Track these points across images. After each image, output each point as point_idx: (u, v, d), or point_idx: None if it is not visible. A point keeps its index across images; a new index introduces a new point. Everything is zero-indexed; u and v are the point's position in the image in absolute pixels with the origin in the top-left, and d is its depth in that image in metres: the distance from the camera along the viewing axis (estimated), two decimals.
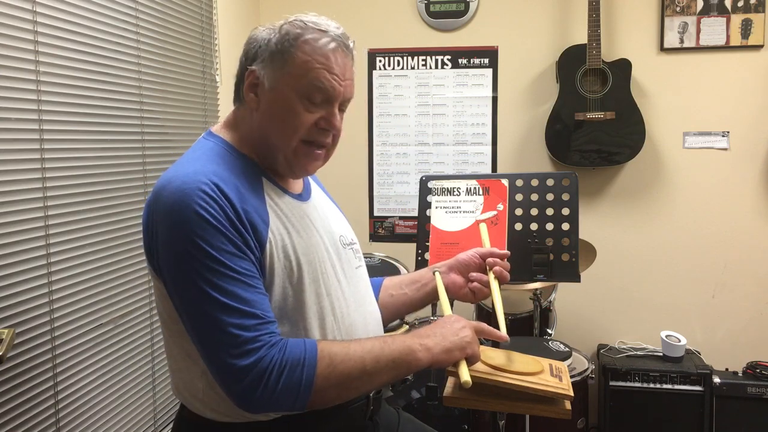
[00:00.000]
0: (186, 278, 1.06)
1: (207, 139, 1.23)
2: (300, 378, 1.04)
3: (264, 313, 1.07)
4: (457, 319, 1.22)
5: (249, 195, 1.14)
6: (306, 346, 1.07)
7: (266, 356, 1.03)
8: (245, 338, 1.03)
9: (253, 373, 1.03)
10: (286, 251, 1.15)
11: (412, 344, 1.13)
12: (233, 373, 1.03)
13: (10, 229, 1.51)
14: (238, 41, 2.92)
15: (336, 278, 1.24)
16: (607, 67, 2.81)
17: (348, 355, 1.08)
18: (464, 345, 1.17)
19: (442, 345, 1.15)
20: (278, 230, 1.15)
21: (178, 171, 1.12)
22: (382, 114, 3.12)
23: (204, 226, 1.05)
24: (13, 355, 1.50)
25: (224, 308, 1.04)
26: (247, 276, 1.07)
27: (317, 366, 1.05)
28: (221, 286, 1.04)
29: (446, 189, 1.68)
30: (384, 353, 1.10)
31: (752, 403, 2.62)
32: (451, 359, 1.15)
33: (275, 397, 1.04)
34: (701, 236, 2.93)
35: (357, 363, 1.08)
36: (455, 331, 1.18)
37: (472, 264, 1.43)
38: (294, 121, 1.17)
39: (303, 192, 1.30)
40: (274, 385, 1.03)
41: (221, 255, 1.05)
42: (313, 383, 1.05)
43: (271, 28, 1.21)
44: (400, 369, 1.12)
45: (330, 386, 1.07)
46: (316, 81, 1.16)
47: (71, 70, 1.72)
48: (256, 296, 1.07)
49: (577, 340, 2.91)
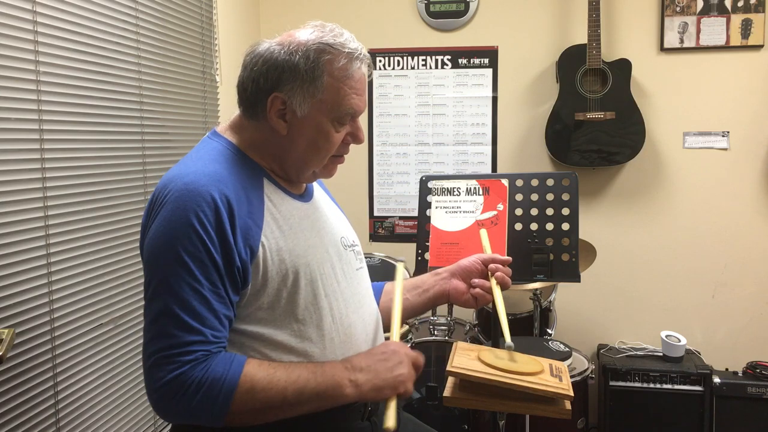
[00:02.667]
0: (153, 276, 1.09)
1: (211, 139, 1.24)
2: (216, 398, 1.05)
3: (209, 331, 1.07)
4: (395, 351, 1.18)
5: (247, 197, 1.14)
6: (230, 369, 1.07)
7: (189, 372, 1.04)
8: (177, 351, 1.05)
9: (172, 385, 1.04)
10: (281, 254, 1.15)
11: (342, 379, 1.12)
12: (155, 379, 1.05)
13: (10, 229, 1.51)
14: (238, 41, 2.93)
15: (335, 279, 1.24)
16: (607, 67, 2.81)
17: (271, 383, 1.08)
18: (396, 384, 1.15)
19: (372, 383, 1.14)
20: (272, 233, 1.16)
21: (181, 171, 1.13)
22: (382, 114, 3.12)
23: (189, 234, 1.07)
24: (13, 355, 1.50)
25: (172, 316, 1.06)
26: (210, 291, 1.07)
27: (236, 391, 1.06)
28: (180, 294, 1.06)
29: (446, 189, 1.68)
30: (308, 386, 1.10)
31: (752, 403, 2.62)
32: (380, 397, 1.14)
33: (189, 412, 1.06)
34: (701, 236, 2.93)
35: (278, 393, 1.08)
36: (390, 368, 1.15)
37: (474, 270, 1.43)
38: (327, 145, 1.21)
39: (305, 193, 1.30)
40: (189, 400, 1.04)
41: (194, 264, 1.06)
42: (228, 406, 1.05)
43: (288, 46, 1.17)
44: (323, 402, 1.12)
45: (246, 410, 1.07)
46: (347, 107, 1.19)
47: (71, 70, 1.72)
48: (209, 314, 1.07)
49: (577, 340, 2.91)
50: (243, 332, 1.14)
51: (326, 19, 1.25)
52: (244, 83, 1.21)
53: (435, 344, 2.50)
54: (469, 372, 1.23)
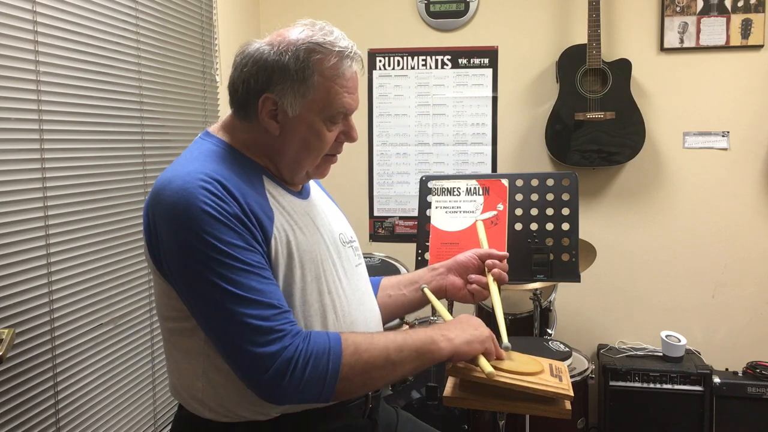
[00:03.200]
0: (198, 275, 1.05)
1: (204, 140, 1.23)
2: (326, 367, 1.05)
3: (280, 302, 1.08)
4: (472, 317, 1.26)
5: (251, 192, 1.14)
6: (329, 336, 1.08)
7: (291, 345, 1.03)
8: (267, 328, 1.03)
9: (279, 361, 1.02)
10: (290, 248, 1.15)
11: (434, 335, 1.16)
12: (258, 362, 1.02)
13: (10, 229, 1.51)
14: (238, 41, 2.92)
15: (337, 276, 1.24)
16: (607, 67, 2.81)
17: (372, 343, 1.10)
18: (483, 339, 1.20)
19: (462, 337, 1.18)
20: (282, 226, 1.16)
21: (178, 171, 1.11)
22: (382, 114, 3.12)
23: (211, 222, 1.05)
24: (13, 355, 1.50)
25: (241, 300, 1.04)
26: (259, 268, 1.07)
27: (343, 354, 1.06)
28: (235, 279, 1.04)
29: (446, 189, 1.68)
30: (407, 343, 1.12)
31: (752, 403, 2.62)
32: (471, 351, 1.18)
33: (302, 387, 1.04)
34: (701, 236, 2.93)
35: (381, 351, 1.10)
36: (474, 326, 1.22)
37: (470, 265, 1.43)
38: (320, 144, 1.21)
39: (302, 191, 1.30)
40: (300, 374, 1.03)
41: (231, 249, 1.05)
42: (339, 372, 1.05)
43: (278, 46, 1.17)
44: (422, 359, 1.13)
45: (356, 374, 1.07)
46: (339, 106, 1.19)
47: (71, 70, 1.72)
48: (270, 287, 1.07)
49: (577, 340, 2.91)
50: None
51: (326, 19, 1.24)
52: (235, 84, 1.20)
53: None
54: (469, 372, 1.23)
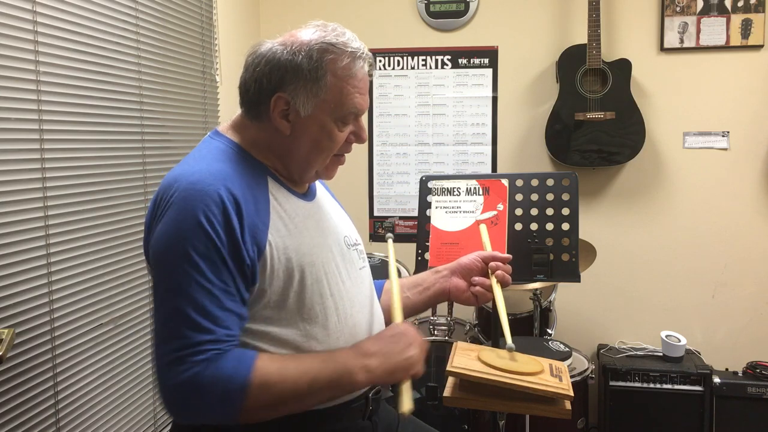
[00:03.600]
0: (163, 277, 1.08)
1: (213, 139, 1.24)
2: (229, 396, 1.03)
3: (220, 330, 1.06)
4: (404, 332, 1.18)
5: (252, 195, 1.14)
6: (242, 365, 1.05)
7: (202, 372, 1.02)
8: (189, 352, 1.03)
9: (185, 386, 1.02)
10: (287, 253, 1.15)
11: (353, 366, 1.11)
12: (168, 381, 1.04)
13: (10, 229, 1.51)
14: (238, 41, 2.93)
15: (340, 278, 1.24)
16: (607, 67, 2.81)
17: (283, 375, 1.07)
18: (408, 366, 1.14)
19: (384, 367, 1.12)
20: (278, 232, 1.16)
21: (185, 170, 1.13)
22: (382, 114, 3.12)
23: (197, 233, 1.06)
24: (13, 355, 1.50)
25: (182, 316, 1.04)
26: (220, 289, 1.07)
27: (249, 386, 1.04)
28: (190, 294, 1.05)
29: (446, 189, 1.68)
30: (321, 376, 1.09)
31: (752, 403, 2.62)
32: (392, 380, 1.14)
33: (204, 412, 1.05)
34: (701, 236, 2.93)
35: (291, 385, 1.07)
36: (401, 350, 1.15)
37: (474, 268, 1.43)
38: (330, 144, 1.21)
39: (308, 192, 1.30)
40: (203, 400, 1.03)
41: (203, 262, 1.05)
42: (243, 402, 1.04)
43: (291, 46, 1.17)
44: (337, 391, 1.12)
45: (261, 406, 1.06)
46: (351, 107, 1.19)
47: (71, 70, 1.72)
48: (220, 312, 1.06)
49: (577, 340, 2.91)
50: (249, 331, 1.14)
51: (326, 19, 1.25)
52: (247, 84, 1.21)
53: (435, 344, 2.50)
54: (469, 372, 1.23)
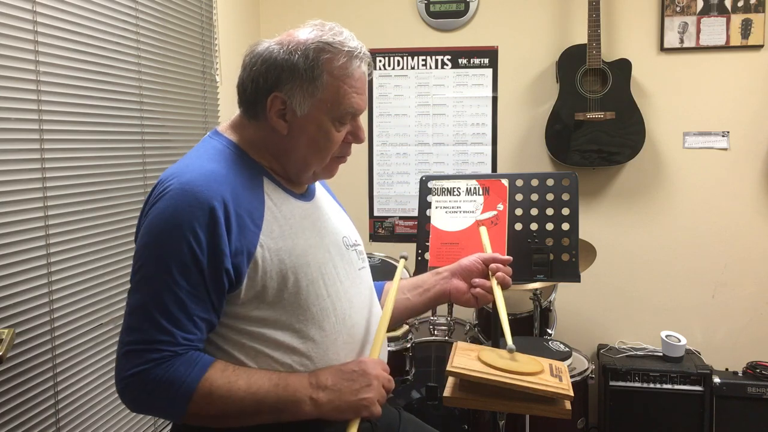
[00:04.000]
0: (137, 270, 1.11)
1: (212, 138, 1.25)
2: (173, 399, 1.07)
3: (179, 333, 1.07)
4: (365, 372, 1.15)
5: (246, 197, 1.14)
6: (192, 372, 1.07)
7: (151, 369, 1.06)
8: (145, 347, 1.06)
9: (134, 379, 1.06)
10: (280, 255, 1.15)
11: (302, 396, 1.11)
12: (120, 370, 1.08)
13: (10, 229, 1.51)
14: (238, 41, 2.93)
15: (338, 279, 1.24)
16: (607, 67, 2.81)
17: (230, 391, 1.08)
18: (359, 407, 1.12)
19: (334, 404, 1.12)
20: (272, 234, 1.16)
21: (180, 170, 1.14)
22: (382, 114, 3.12)
23: (174, 235, 1.07)
24: (13, 355, 1.50)
25: (146, 312, 1.07)
26: (188, 294, 1.08)
27: (193, 394, 1.06)
28: (156, 293, 1.07)
29: (446, 189, 1.68)
30: (267, 399, 1.09)
31: (752, 403, 2.62)
32: (340, 418, 1.12)
33: (149, 407, 1.11)
34: (701, 236, 2.93)
35: (236, 402, 1.08)
36: (356, 390, 1.13)
37: (474, 269, 1.42)
38: (328, 144, 1.21)
39: (306, 192, 1.30)
40: (148, 396, 1.07)
41: (175, 266, 1.07)
42: (185, 408, 1.07)
43: (288, 46, 1.17)
44: (281, 416, 1.11)
45: (203, 415, 1.09)
46: (348, 106, 1.19)
47: (71, 70, 1.72)
48: (183, 316, 1.08)
49: (577, 340, 2.91)
50: (246, 332, 1.14)
51: (327, 19, 1.25)
52: (244, 83, 1.21)
53: (435, 344, 2.50)
54: (469, 372, 1.23)
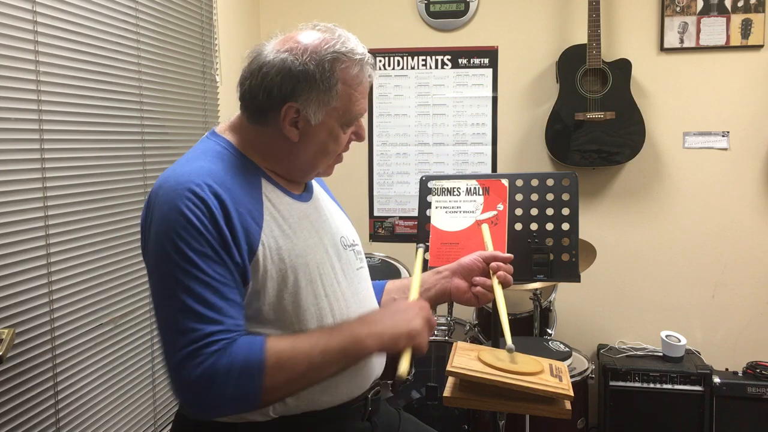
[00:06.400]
0: (161, 275, 1.09)
1: (209, 139, 1.24)
2: (248, 380, 1.04)
3: (228, 320, 1.07)
4: (409, 306, 1.20)
5: (244, 197, 1.14)
6: (253, 348, 1.06)
7: (216, 362, 1.03)
8: (198, 345, 1.03)
9: (202, 380, 1.02)
10: (281, 254, 1.15)
11: (359, 333, 1.12)
12: (181, 379, 1.04)
13: (10, 229, 1.51)
14: (238, 41, 2.93)
15: (335, 279, 1.24)
16: (607, 67, 2.81)
17: (295, 350, 1.08)
18: (412, 334, 1.14)
19: (389, 333, 1.14)
20: (272, 233, 1.16)
21: (175, 170, 1.14)
22: (382, 114, 3.12)
23: (187, 228, 1.06)
24: (13, 355, 1.50)
25: (189, 311, 1.05)
26: (219, 282, 1.07)
27: (265, 366, 1.05)
28: (192, 288, 1.05)
29: (446, 189, 1.68)
30: (331, 345, 1.10)
31: (752, 403, 2.62)
32: (397, 347, 1.14)
33: (224, 402, 1.05)
34: (701, 236, 2.93)
35: (305, 358, 1.08)
36: (406, 321, 1.16)
37: (475, 268, 1.42)
38: (336, 147, 1.24)
39: (304, 193, 1.30)
40: (220, 390, 1.03)
41: (198, 257, 1.06)
42: (261, 384, 1.05)
43: (302, 56, 1.16)
44: (349, 359, 1.12)
45: (279, 384, 1.07)
46: (358, 112, 1.22)
47: (71, 70, 1.72)
48: (224, 303, 1.07)
49: (577, 340, 2.91)
50: None
51: (327, 19, 1.25)
52: (253, 91, 1.18)
53: (435, 344, 2.50)
54: (469, 372, 1.23)
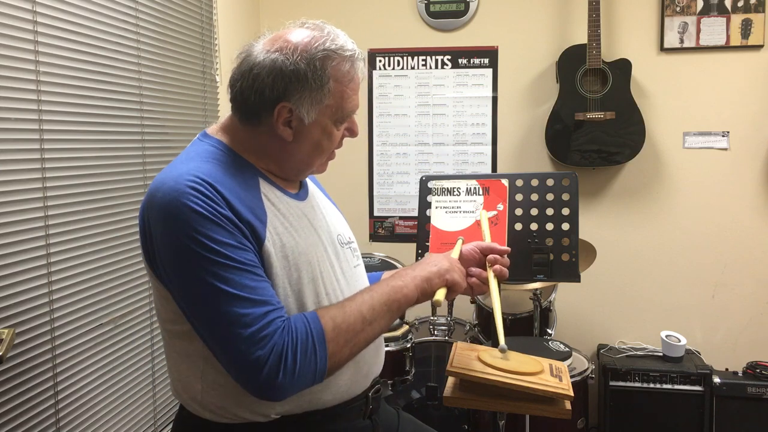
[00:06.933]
0: (192, 275, 1.05)
1: (202, 141, 1.22)
2: (315, 353, 1.07)
3: (272, 299, 1.08)
4: (435, 255, 1.29)
5: (245, 195, 1.14)
6: (308, 319, 1.09)
7: (279, 342, 1.04)
8: (257, 327, 1.04)
9: (271, 361, 1.03)
10: (285, 250, 1.15)
11: (396, 284, 1.19)
12: (252, 364, 1.03)
13: (10, 229, 1.51)
14: (238, 41, 2.92)
15: (334, 277, 1.24)
16: (607, 67, 2.81)
17: (345, 311, 1.12)
18: (443, 272, 1.23)
19: (421, 275, 1.22)
20: (276, 230, 1.15)
21: (171, 172, 1.11)
22: (382, 114, 3.12)
23: (202, 222, 1.05)
24: (13, 355, 1.50)
25: (234, 299, 1.04)
26: (251, 266, 1.08)
27: (325, 333, 1.08)
28: (227, 277, 1.04)
29: (446, 189, 1.68)
30: (375, 299, 1.15)
31: (752, 403, 2.62)
32: (433, 287, 1.22)
33: (297, 378, 1.06)
34: (701, 236, 2.93)
35: (356, 317, 1.12)
36: (434, 263, 1.25)
37: (471, 258, 1.42)
38: (330, 145, 1.24)
39: (300, 191, 1.30)
40: (292, 367, 1.05)
41: (223, 248, 1.05)
42: (327, 353, 1.08)
43: (292, 55, 1.15)
44: (393, 309, 1.17)
45: (341, 347, 1.10)
46: (350, 109, 1.22)
47: (71, 70, 1.72)
48: (262, 284, 1.08)
49: (577, 340, 2.91)
50: None
51: (326, 19, 1.24)
52: (245, 93, 1.17)
53: (435, 344, 2.50)
54: (469, 372, 1.23)
